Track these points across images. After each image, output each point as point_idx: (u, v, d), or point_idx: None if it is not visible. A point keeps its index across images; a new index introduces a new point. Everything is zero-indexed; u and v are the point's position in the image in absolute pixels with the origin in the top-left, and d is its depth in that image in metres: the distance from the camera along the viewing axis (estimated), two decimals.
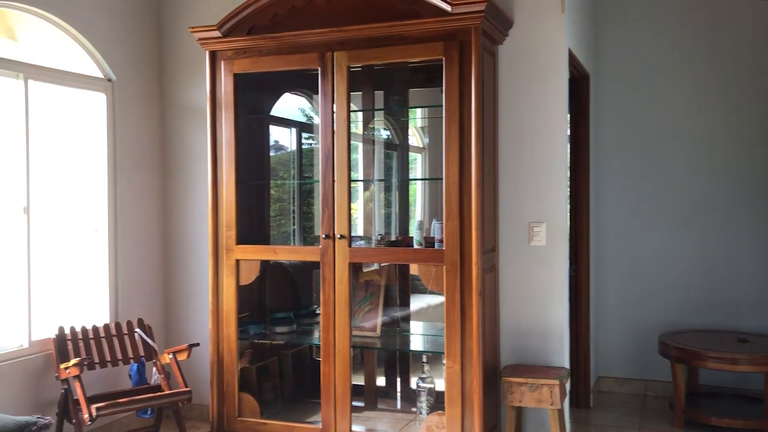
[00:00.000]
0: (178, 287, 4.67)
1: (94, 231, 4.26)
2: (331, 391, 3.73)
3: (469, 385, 3.48)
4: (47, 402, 3.81)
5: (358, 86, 4.19)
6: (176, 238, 4.68)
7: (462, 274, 3.48)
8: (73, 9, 4.01)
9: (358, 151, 4.46)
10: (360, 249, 3.89)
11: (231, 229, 3.94)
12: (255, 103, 4.33)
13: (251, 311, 4.24)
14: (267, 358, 4.33)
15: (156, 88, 4.64)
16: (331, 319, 3.73)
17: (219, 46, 3.90)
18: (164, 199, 4.68)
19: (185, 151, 4.64)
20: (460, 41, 3.46)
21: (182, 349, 3.92)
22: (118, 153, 4.33)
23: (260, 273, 4.03)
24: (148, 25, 4.59)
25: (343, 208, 3.71)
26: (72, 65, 4.16)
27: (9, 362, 3.65)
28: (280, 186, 4.68)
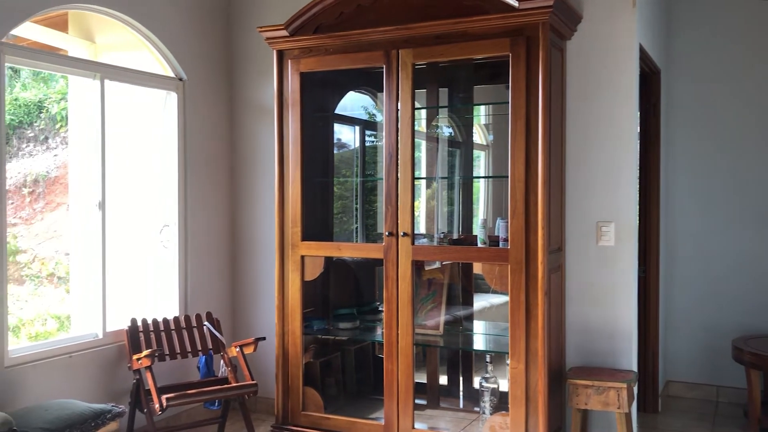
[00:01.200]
0: (244, 282, 4.77)
1: (166, 226, 4.39)
2: (393, 388, 3.74)
3: (534, 385, 3.44)
4: (120, 391, 3.94)
5: (423, 83, 4.18)
6: (243, 234, 4.78)
7: (527, 274, 3.44)
8: (148, 10, 4.14)
9: (421, 149, 4.45)
10: (423, 247, 3.88)
11: (296, 225, 3.99)
12: (320, 102, 4.38)
13: (315, 307, 4.29)
14: (330, 353, 4.37)
15: (225, 87, 4.75)
16: (394, 316, 3.74)
17: (286, 45, 3.95)
18: (232, 195, 4.79)
19: (252, 148, 4.73)
20: (527, 37, 3.41)
21: (249, 343, 4.00)
22: (189, 150, 4.44)
23: (324, 269, 4.07)
24: (218, 25, 4.69)
25: (406, 206, 3.72)
26: (145, 65, 4.29)
27: (85, 352, 3.80)
28: (343, 183, 4.71)
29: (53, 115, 8.12)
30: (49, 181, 7.96)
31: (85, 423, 3.11)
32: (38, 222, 7.77)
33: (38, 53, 3.74)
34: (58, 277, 7.11)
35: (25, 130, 8.22)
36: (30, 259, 7.27)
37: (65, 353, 3.70)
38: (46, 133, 8.20)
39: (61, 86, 8.17)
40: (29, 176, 7.96)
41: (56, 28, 4.36)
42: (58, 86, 8.25)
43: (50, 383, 3.59)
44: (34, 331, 6.14)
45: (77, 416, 3.12)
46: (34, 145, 8.21)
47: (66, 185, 7.65)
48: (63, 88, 8.18)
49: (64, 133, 8.02)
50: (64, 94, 8.06)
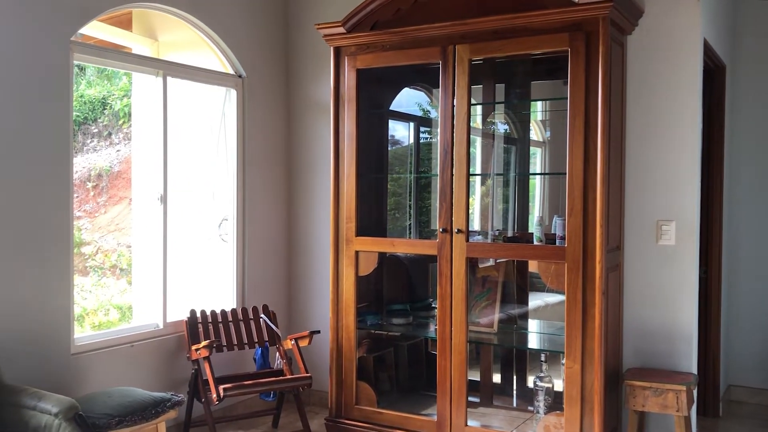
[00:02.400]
0: (300, 275, 4.83)
1: (225, 220, 4.48)
2: (447, 385, 3.73)
3: (590, 386, 3.39)
4: (178, 380, 4.05)
5: (479, 79, 4.16)
6: (299, 229, 4.84)
7: (584, 272, 3.39)
8: (209, 9, 4.23)
9: (476, 145, 4.43)
10: (478, 244, 3.86)
11: (351, 221, 4.02)
12: (375, 98, 4.39)
13: (369, 302, 4.32)
14: (383, 348, 4.39)
15: (283, 84, 4.81)
16: (448, 313, 3.73)
17: (343, 42, 3.98)
18: (288, 190, 4.86)
19: (309, 144, 4.79)
20: (586, 32, 3.36)
21: (304, 336, 4.05)
22: (248, 146, 4.52)
23: (378, 265, 4.09)
24: (276, 23, 4.76)
25: (460, 203, 3.70)
26: (206, 63, 4.38)
27: (146, 341, 3.91)
28: (396, 180, 4.72)
29: (116, 112, 8.37)
30: (112, 176, 8.21)
31: (146, 410, 3.19)
32: (101, 215, 8.03)
33: (104, 51, 3.86)
34: (120, 269, 7.33)
35: (90, 126, 8.49)
36: (93, 251, 7.52)
37: (127, 342, 3.82)
38: (109, 129, 8.45)
39: (124, 83, 8.40)
40: (93, 171, 8.23)
41: (121, 26, 4.50)
42: (121, 83, 8.49)
43: (113, 371, 3.71)
44: (98, 321, 6.35)
45: (138, 403, 3.21)
46: (98, 140, 8.47)
47: (128, 179, 7.88)
48: (126, 85, 8.42)
49: (126, 128, 8.25)
50: (127, 90, 8.29)
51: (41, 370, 3.36)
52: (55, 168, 3.44)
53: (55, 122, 3.44)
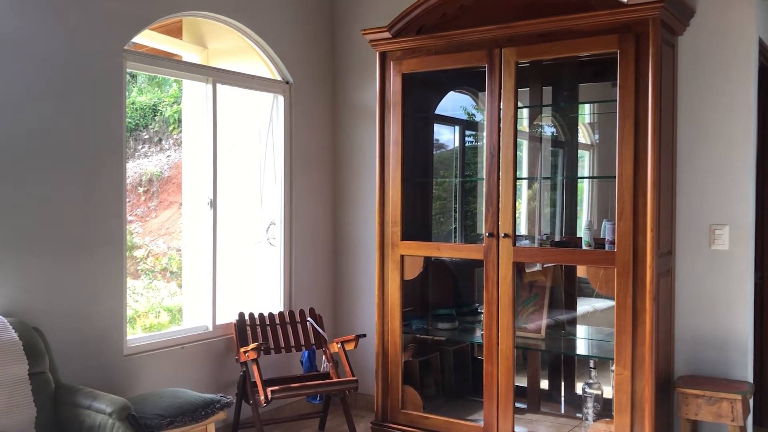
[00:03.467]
0: (345, 279, 4.86)
1: (272, 224, 4.54)
2: (493, 391, 3.71)
3: (640, 393, 3.32)
4: (227, 382, 4.11)
5: (525, 82, 4.12)
6: (345, 232, 4.87)
7: (635, 278, 3.33)
8: (257, 17, 4.29)
9: (522, 148, 4.39)
10: (525, 248, 3.83)
11: (396, 225, 4.03)
12: (420, 102, 4.40)
13: (414, 306, 4.32)
14: (429, 353, 4.38)
15: (329, 89, 4.85)
16: (495, 318, 3.71)
17: (389, 47, 4.00)
18: (334, 194, 4.89)
19: (354, 149, 4.82)
20: (636, 33, 3.31)
21: (350, 339, 4.07)
22: (295, 151, 4.57)
23: (423, 269, 4.09)
24: (322, 29, 4.80)
25: (507, 207, 3.68)
26: (253, 69, 4.45)
27: (196, 343, 3.98)
28: (440, 184, 4.72)
29: (166, 118, 8.55)
30: (162, 181, 8.39)
31: (196, 411, 3.25)
32: (152, 219, 8.21)
33: (156, 59, 3.96)
34: (170, 272, 7.48)
35: (141, 132, 8.70)
36: (145, 255, 7.69)
37: (178, 344, 3.89)
38: (160, 135, 8.64)
39: (174, 90, 8.59)
40: (144, 176, 8.43)
41: (171, 34, 4.60)
42: (171, 90, 8.68)
43: (163, 372, 3.78)
44: (148, 323, 6.49)
45: (189, 405, 3.27)
46: (148, 146, 8.68)
47: (178, 184, 8.04)
48: (175, 92, 8.60)
49: (176, 134, 8.43)
50: (177, 97, 8.48)
51: (95, 370, 3.45)
52: (109, 173, 3.53)
53: (110, 128, 3.54)
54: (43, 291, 3.28)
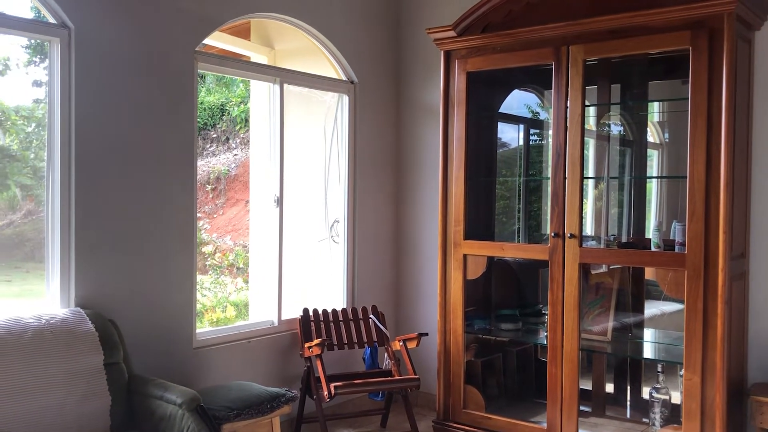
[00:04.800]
0: (407, 277, 4.88)
1: (336, 222, 4.60)
2: (557, 393, 3.66)
3: (711, 400, 3.23)
4: (291, 377, 4.18)
5: (592, 80, 4.05)
6: (407, 231, 4.89)
7: (706, 281, 3.23)
8: (324, 17, 4.35)
9: (589, 147, 4.31)
10: (591, 249, 3.77)
11: (459, 224, 4.02)
12: (484, 101, 4.37)
13: (476, 306, 4.30)
14: (491, 353, 4.36)
15: (393, 88, 4.88)
16: (559, 319, 3.66)
17: (454, 46, 3.99)
18: (397, 193, 4.92)
19: (417, 147, 4.83)
20: (709, 28, 3.21)
21: (412, 338, 4.09)
22: (358, 149, 4.62)
23: (486, 269, 4.07)
24: (387, 29, 4.83)
25: (573, 207, 3.62)
26: (318, 69, 4.51)
27: (262, 338, 4.07)
28: (503, 183, 4.68)
29: (233, 118, 8.75)
30: (229, 179, 8.59)
31: (262, 405, 3.32)
32: (219, 216, 8.42)
33: (226, 60, 4.06)
34: (237, 268, 7.66)
35: (209, 132, 8.93)
36: (212, 251, 7.90)
37: (244, 338, 3.99)
38: (227, 134, 8.85)
39: (240, 90, 8.78)
40: (212, 174, 8.65)
41: (239, 35, 4.71)
42: (238, 90, 8.88)
43: (230, 365, 3.88)
44: (215, 317, 6.66)
45: (255, 398, 3.35)
46: (216, 145, 8.90)
47: (244, 182, 8.23)
48: (242, 91, 8.79)
49: (243, 133, 8.62)
50: (244, 97, 8.66)
51: (166, 362, 3.56)
52: (181, 171, 3.65)
53: (182, 128, 3.65)
54: (119, 284, 3.41)
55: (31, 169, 7.21)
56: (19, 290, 6.46)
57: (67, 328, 3.01)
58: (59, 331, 2.98)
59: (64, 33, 3.22)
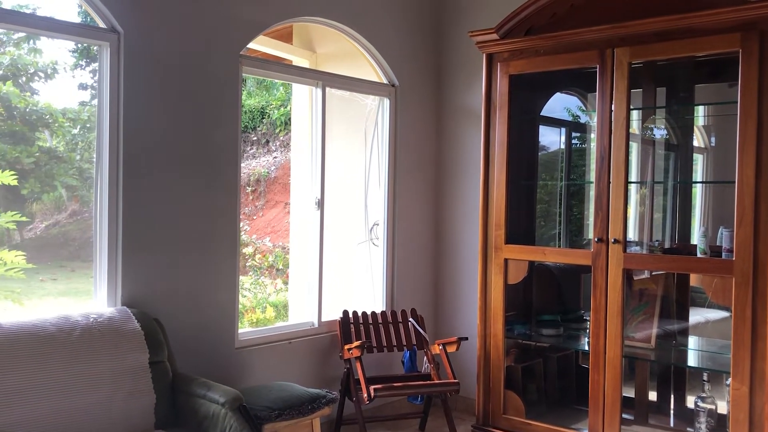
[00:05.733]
0: (447, 281, 4.87)
1: (376, 225, 4.61)
2: (599, 400, 3.61)
3: (759, 410, 3.15)
4: (331, 378, 4.20)
5: (637, 83, 3.99)
6: (447, 235, 4.88)
7: (755, 288, 3.16)
8: (366, 21, 4.38)
9: (632, 151, 4.25)
10: (635, 255, 3.71)
11: (500, 228, 3.99)
12: (526, 104, 4.34)
13: (516, 311, 4.26)
14: (532, 358, 4.32)
15: (434, 92, 4.88)
16: (602, 326, 3.61)
17: (496, 49, 3.97)
18: (437, 196, 4.91)
19: (458, 151, 4.82)
20: (760, 31, 3.14)
21: (452, 342, 4.07)
22: (399, 153, 4.63)
23: (527, 273, 4.04)
24: (428, 32, 4.83)
25: (618, 211, 3.58)
26: (360, 72, 4.53)
27: (302, 339, 4.10)
28: (542, 187, 4.64)
29: (273, 121, 8.84)
30: (269, 181, 8.68)
31: (303, 405, 3.35)
32: (259, 218, 8.51)
33: (269, 64, 4.10)
34: (276, 269, 7.73)
35: (250, 134, 9.03)
36: (252, 252, 7.98)
37: (285, 339, 4.02)
38: (267, 136, 8.95)
39: (280, 93, 8.86)
40: (252, 176, 8.75)
41: (281, 39, 4.76)
42: (278, 93, 8.96)
43: (271, 365, 3.92)
44: (255, 318, 6.73)
45: (296, 398, 3.37)
46: (256, 147, 9.00)
47: (284, 185, 8.30)
48: (282, 95, 8.88)
49: (282, 136, 8.70)
50: (284, 100, 8.75)
51: (208, 361, 3.61)
52: (225, 173, 3.70)
53: (226, 131, 3.70)
54: (164, 284, 3.46)
55: (76, 170, 7.38)
56: (65, 288, 6.62)
57: (114, 327, 3.07)
58: (106, 329, 3.04)
59: (114, 37, 3.29)
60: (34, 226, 7.45)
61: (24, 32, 6.47)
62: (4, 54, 7.23)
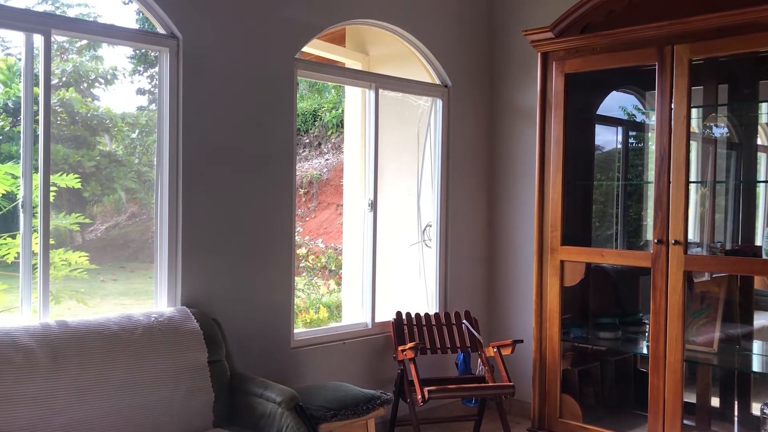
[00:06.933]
0: (501, 283, 4.83)
1: (429, 226, 4.60)
2: (659, 406, 3.53)
3: None
4: (384, 379, 4.20)
5: (698, 80, 3.89)
6: (500, 236, 4.84)
7: None
8: (419, 22, 4.38)
9: (692, 150, 4.14)
10: (696, 257, 3.61)
11: (556, 229, 3.94)
12: (581, 103, 4.27)
13: (573, 314, 4.20)
14: (588, 362, 4.25)
15: (487, 92, 4.85)
16: (662, 329, 3.53)
17: (551, 47, 3.92)
18: (491, 196, 4.88)
19: (512, 151, 4.78)
20: None
21: (507, 344, 4.03)
22: (451, 153, 4.61)
23: (584, 275, 3.97)
24: (481, 32, 4.80)
25: (678, 212, 3.49)
26: (412, 74, 4.53)
27: (356, 339, 4.12)
28: (597, 187, 4.56)
29: (325, 123, 8.92)
30: (321, 183, 8.76)
31: (358, 406, 3.36)
32: (311, 219, 8.59)
33: (323, 67, 4.14)
34: (329, 270, 7.79)
35: (302, 137, 9.12)
36: (305, 253, 8.06)
37: (339, 340, 4.05)
38: (319, 139, 9.03)
39: (332, 96, 8.93)
40: (305, 178, 8.84)
41: (334, 42, 4.80)
42: (330, 96, 9.03)
43: (325, 366, 3.95)
44: (308, 318, 6.79)
45: (351, 399, 3.39)
46: (309, 150, 9.09)
47: (335, 186, 8.37)
48: (334, 97, 8.95)
49: (334, 138, 8.77)
50: (335, 103, 8.82)
51: (265, 360, 3.66)
52: (280, 176, 3.75)
53: (282, 134, 3.75)
54: (222, 284, 3.53)
55: (135, 173, 7.59)
56: (125, 288, 6.80)
57: (174, 326, 3.14)
58: (167, 328, 3.11)
59: (173, 43, 3.36)
60: (94, 227, 7.69)
61: (88, 40, 6.68)
62: (67, 61, 7.48)
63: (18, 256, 3.26)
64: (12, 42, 7.85)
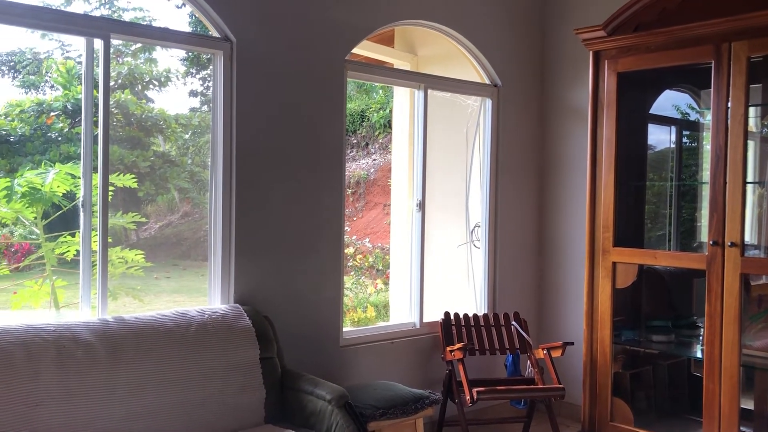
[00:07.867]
0: (550, 284, 4.78)
1: (477, 226, 4.59)
2: (715, 411, 3.45)
3: None
4: (432, 380, 4.20)
5: (756, 78, 3.79)
6: (550, 237, 4.79)
7: None
8: (468, 22, 4.36)
9: (750, 150, 4.03)
10: (754, 259, 3.52)
11: (608, 230, 3.89)
12: (634, 102, 4.21)
13: (624, 316, 4.13)
14: (640, 365, 4.18)
15: (537, 91, 4.81)
16: (717, 333, 3.45)
17: (603, 46, 3.87)
18: (541, 197, 4.83)
19: (562, 151, 4.73)
20: None
21: (557, 346, 3.99)
22: (501, 153, 4.58)
23: (636, 277, 3.90)
24: (531, 31, 4.77)
25: (735, 213, 3.41)
26: (461, 74, 4.52)
27: (404, 339, 4.13)
28: (650, 187, 4.47)
29: (373, 123, 8.95)
30: (368, 183, 8.80)
31: (407, 405, 3.37)
32: (359, 219, 8.64)
33: (373, 68, 4.16)
34: (376, 270, 7.83)
35: (350, 137, 9.18)
36: (353, 252, 8.11)
37: (387, 339, 4.07)
38: (366, 139, 9.07)
39: (380, 97, 8.97)
40: (352, 178, 8.89)
41: (383, 43, 4.82)
42: (377, 97, 9.07)
43: (373, 364, 3.97)
44: (356, 317, 6.84)
45: (400, 398, 3.41)
46: (356, 150, 9.15)
47: (383, 186, 8.40)
48: (381, 98, 8.98)
49: (381, 139, 8.80)
50: (383, 103, 8.85)
51: (314, 358, 3.69)
52: (330, 175, 3.78)
53: (332, 134, 3.79)
54: (273, 282, 3.58)
55: (188, 173, 7.74)
56: (178, 286, 6.95)
57: (227, 323, 3.20)
58: (220, 325, 3.17)
59: (227, 46, 3.43)
60: (149, 226, 7.87)
61: (143, 43, 6.84)
62: (122, 64, 7.69)
63: (77, 253, 3.38)
64: (72, 46, 8.09)
